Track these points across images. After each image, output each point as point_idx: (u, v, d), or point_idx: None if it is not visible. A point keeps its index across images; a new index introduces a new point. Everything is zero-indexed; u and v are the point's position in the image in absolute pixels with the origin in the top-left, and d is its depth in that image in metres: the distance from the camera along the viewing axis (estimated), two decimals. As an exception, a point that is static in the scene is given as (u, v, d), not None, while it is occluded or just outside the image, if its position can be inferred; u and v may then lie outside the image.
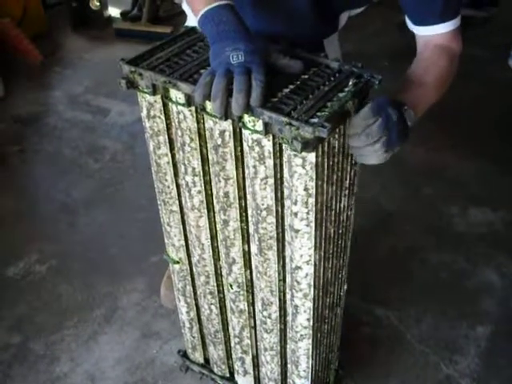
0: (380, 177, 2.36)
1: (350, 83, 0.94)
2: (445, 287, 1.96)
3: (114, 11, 4.03)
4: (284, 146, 0.92)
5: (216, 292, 1.33)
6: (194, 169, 1.09)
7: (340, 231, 1.13)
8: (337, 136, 0.94)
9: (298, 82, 0.97)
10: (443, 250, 2.10)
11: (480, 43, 3.45)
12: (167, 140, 1.11)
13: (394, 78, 1.18)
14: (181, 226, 1.26)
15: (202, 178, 1.10)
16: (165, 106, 1.06)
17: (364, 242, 1.98)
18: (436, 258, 2.07)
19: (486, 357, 1.74)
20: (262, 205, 1.01)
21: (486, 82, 3.13)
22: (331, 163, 0.96)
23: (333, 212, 1.05)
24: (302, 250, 1.03)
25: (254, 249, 1.12)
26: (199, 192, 1.13)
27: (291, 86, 0.95)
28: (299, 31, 1.26)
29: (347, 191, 1.09)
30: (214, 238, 1.21)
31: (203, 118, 1.00)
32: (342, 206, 1.08)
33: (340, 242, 1.16)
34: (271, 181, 0.98)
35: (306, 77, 0.99)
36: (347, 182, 1.07)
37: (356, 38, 3.39)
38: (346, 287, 1.31)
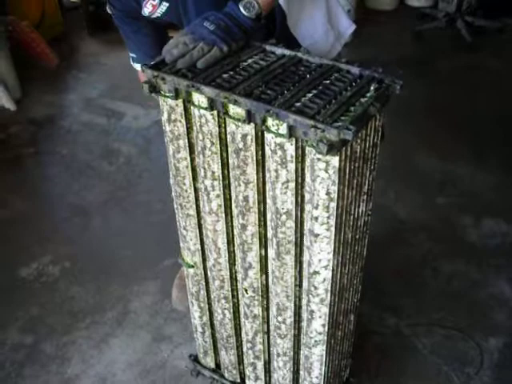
0: (394, 185, 2.36)
1: (372, 88, 0.95)
2: (457, 297, 1.95)
3: (129, 16, 4.07)
4: (307, 150, 0.92)
5: (230, 297, 1.33)
6: (213, 173, 1.10)
7: (357, 236, 1.14)
8: (359, 141, 0.95)
9: (321, 87, 0.98)
10: (456, 261, 2.09)
11: (494, 54, 3.45)
12: (187, 144, 1.11)
13: (409, 86, 1.18)
14: (197, 230, 1.26)
15: (221, 182, 1.11)
16: (186, 110, 1.06)
17: (377, 250, 1.97)
18: (448, 268, 2.06)
19: (498, 369, 1.72)
20: (282, 209, 1.02)
21: (500, 93, 3.13)
22: (352, 168, 0.97)
23: (351, 217, 1.06)
24: (321, 254, 1.03)
25: (271, 253, 1.12)
26: (218, 196, 1.13)
27: (314, 91, 0.96)
28: None
29: (365, 196, 1.09)
30: (230, 242, 1.21)
31: (225, 122, 1.01)
32: (360, 211, 1.09)
33: (357, 248, 1.16)
34: (292, 185, 0.98)
35: (328, 82, 0.99)
36: (366, 187, 1.07)
37: (372, 46, 3.40)
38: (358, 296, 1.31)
